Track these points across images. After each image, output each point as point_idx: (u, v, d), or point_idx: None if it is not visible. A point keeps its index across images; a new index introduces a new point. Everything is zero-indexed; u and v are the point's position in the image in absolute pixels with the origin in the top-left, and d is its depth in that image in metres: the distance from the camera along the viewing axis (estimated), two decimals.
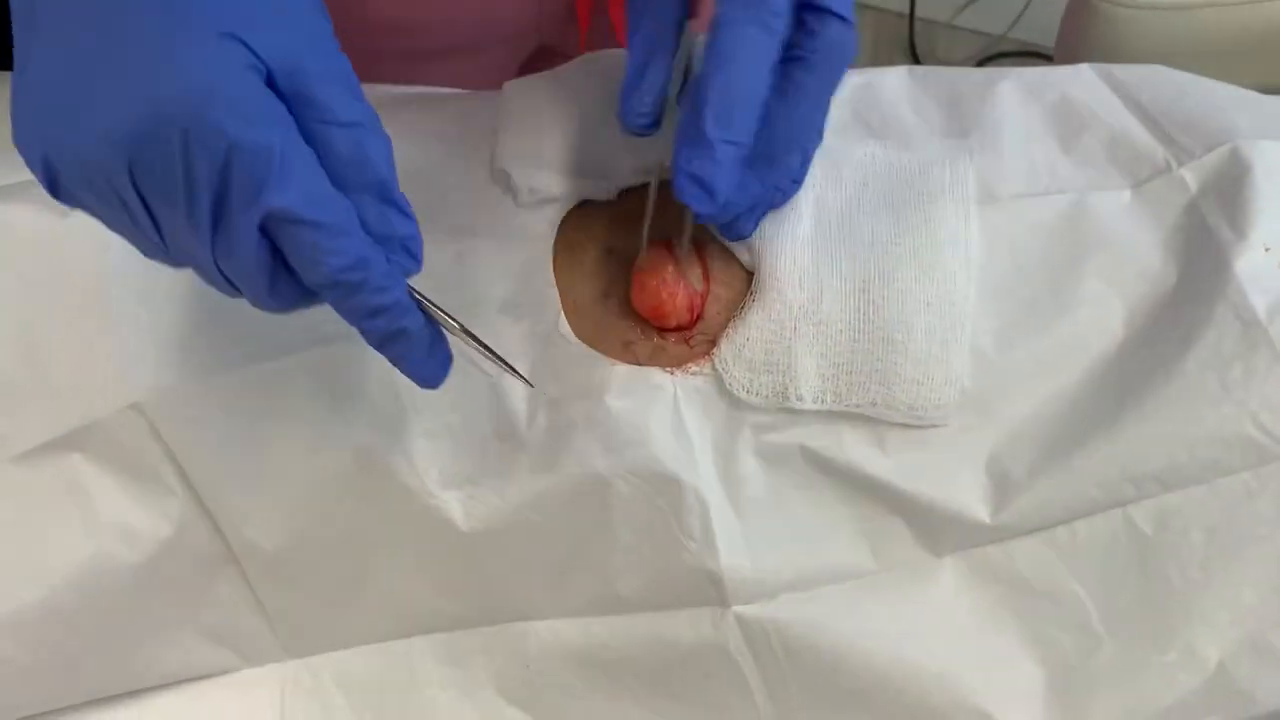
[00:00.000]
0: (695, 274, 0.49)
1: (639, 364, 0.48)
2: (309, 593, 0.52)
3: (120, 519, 0.49)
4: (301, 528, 0.50)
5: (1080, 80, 0.56)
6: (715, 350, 0.48)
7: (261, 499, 0.50)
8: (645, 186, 0.51)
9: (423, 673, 0.53)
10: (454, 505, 0.48)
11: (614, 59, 0.55)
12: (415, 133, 0.52)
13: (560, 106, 0.53)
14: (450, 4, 0.67)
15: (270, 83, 0.34)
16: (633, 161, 0.51)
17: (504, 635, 0.52)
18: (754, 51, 0.42)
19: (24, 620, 0.49)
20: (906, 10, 1.68)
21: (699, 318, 0.49)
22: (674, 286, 0.48)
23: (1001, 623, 0.48)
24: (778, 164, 0.46)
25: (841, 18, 0.43)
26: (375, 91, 0.44)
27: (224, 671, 0.54)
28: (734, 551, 0.48)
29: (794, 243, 0.49)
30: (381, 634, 0.53)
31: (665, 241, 0.49)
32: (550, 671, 0.51)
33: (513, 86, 0.55)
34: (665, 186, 0.51)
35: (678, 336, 0.49)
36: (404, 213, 0.37)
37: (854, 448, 0.48)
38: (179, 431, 0.49)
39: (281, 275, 0.36)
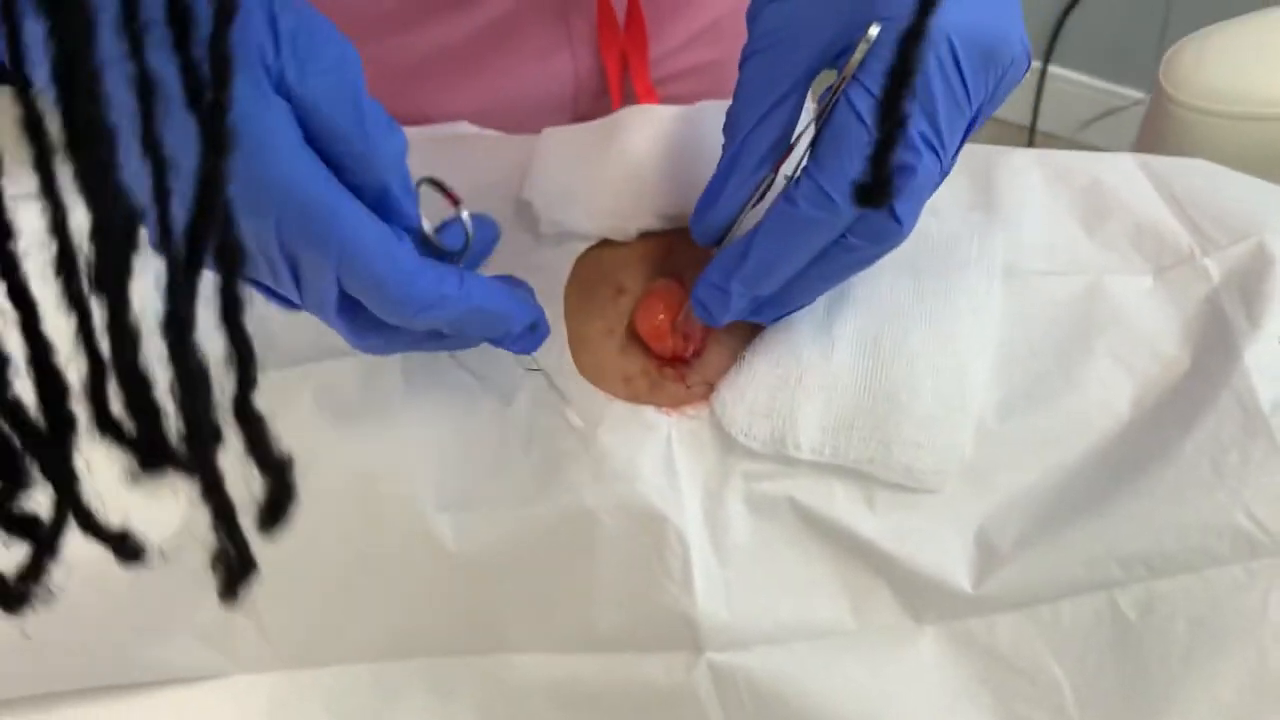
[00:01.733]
0: None
1: (636, 401, 0.49)
2: (302, 605, 0.52)
3: (123, 518, 0.50)
4: (296, 539, 0.51)
5: (1117, 167, 0.56)
6: (715, 392, 0.49)
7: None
8: (664, 233, 0.52)
9: (406, 698, 0.53)
10: (446, 527, 0.49)
11: (651, 114, 0.56)
12: (442, 164, 0.54)
13: (593, 151, 0.55)
14: (486, 94, 0.69)
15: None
16: (656, 208, 0.52)
17: (487, 665, 0.52)
18: (808, 239, 0.43)
19: None
20: (1028, 123, 1.67)
21: (697, 354, 0.50)
22: (675, 309, 0.49)
23: (976, 697, 0.47)
24: (789, 305, 0.47)
25: (897, 219, 0.42)
26: (410, 132, 0.47)
27: (215, 675, 0.54)
28: (712, 597, 0.48)
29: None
30: (369, 655, 0.53)
31: (677, 276, 0.50)
32: (527, 706, 0.51)
33: (550, 132, 0.57)
34: (688, 234, 0.53)
35: (676, 374, 0.50)
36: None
37: (844, 504, 0.48)
38: None
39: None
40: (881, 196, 0.37)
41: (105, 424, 0.28)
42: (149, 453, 0.29)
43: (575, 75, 0.71)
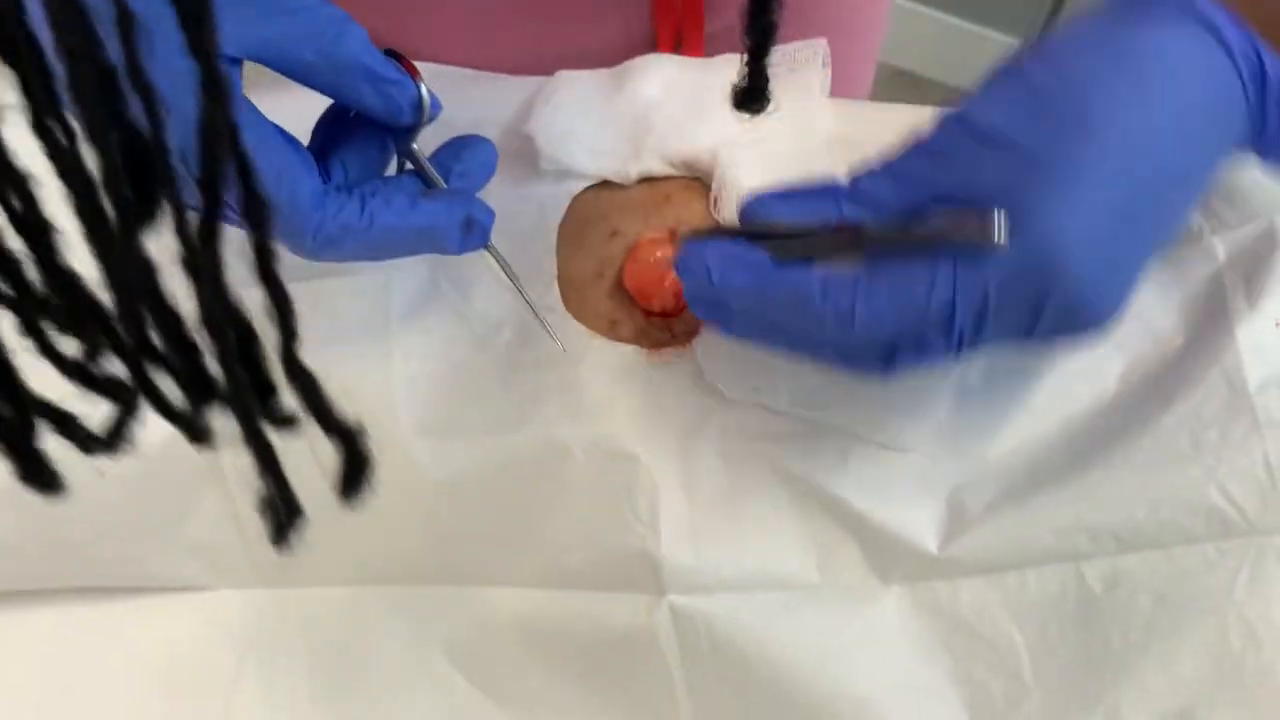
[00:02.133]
0: None
1: (622, 341, 0.49)
2: None
3: None
4: (284, 443, 0.52)
5: None
6: (698, 338, 0.49)
7: None
8: (665, 179, 0.52)
9: (378, 624, 0.54)
10: (424, 453, 0.50)
11: (664, 61, 0.56)
12: (446, 98, 0.54)
13: (601, 94, 0.55)
14: (528, 50, 0.68)
15: None
16: (660, 152, 0.52)
17: (457, 596, 0.52)
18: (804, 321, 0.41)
19: (13, 497, 0.51)
20: None
21: (685, 307, 0.50)
22: (665, 269, 0.49)
23: (935, 659, 0.46)
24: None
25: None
26: (430, 68, 0.47)
27: (197, 587, 0.55)
28: (677, 539, 0.48)
29: None
30: (344, 578, 0.54)
31: (670, 229, 0.50)
32: (491, 638, 0.52)
33: (562, 74, 0.57)
34: (690, 184, 0.53)
35: (662, 323, 0.50)
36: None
37: (818, 457, 0.47)
38: None
39: None
40: None
41: (148, 349, 0.28)
42: (193, 385, 0.29)
43: (627, 40, 0.70)
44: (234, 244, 0.27)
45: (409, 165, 0.45)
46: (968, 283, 0.37)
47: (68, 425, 0.30)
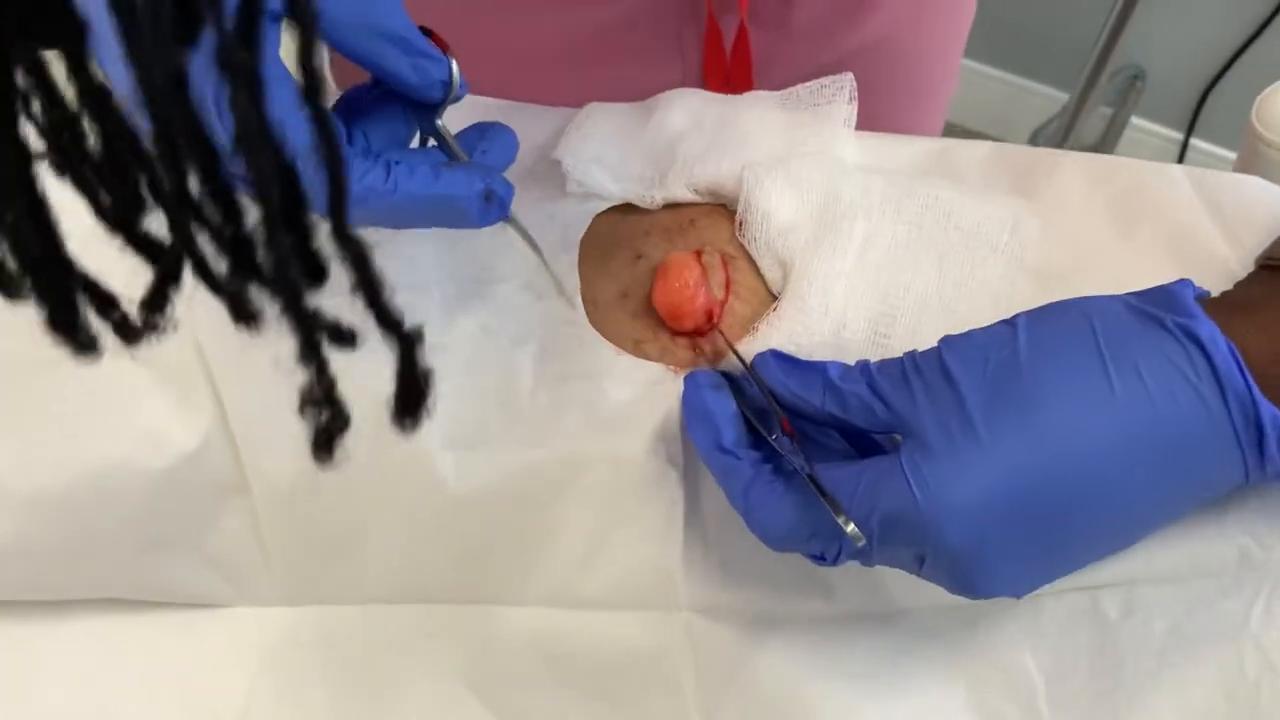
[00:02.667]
0: (717, 281, 0.51)
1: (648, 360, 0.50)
2: (309, 539, 0.53)
3: (150, 424, 0.51)
4: (312, 469, 0.52)
5: (1163, 174, 0.54)
6: (724, 359, 0.49)
7: (280, 432, 0.51)
8: (689, 206, 0.53)
9: (395, 644, 0.53)
10: (449, 466, 0.50)
11: (692, 95, 0.58)
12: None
13: (630, 124, 0.56)
14: (588, 91, 0.66)
15: None
16: (685, 180, 0.53)
17: (475, 616, 0.52)
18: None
19: (38, 503, 0.51)
20: None
21: (713, 326, 0.50)
22: (695, 289, 0.50)
23: (950, 685, 0.46)
24: None
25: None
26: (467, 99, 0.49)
27: (217, 604, 0.54)
28: (697, 557, 0.48)
29: (829, 275, 0.50)
30: (363, 596, 0.54)
31: (696, 250, 0.51)
32: (507, 659, 0.52)
33: (592, 105, 0.58)
34: (714, 209, 0.54)
35: (688, 342, 0.51)
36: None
37: None
38: (219, 353, 0.51)
39: None
40: None
41: (188, 202, 0.26)
42: (234, 251, 0.26)
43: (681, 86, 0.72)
44: None
45: (431, 142, 0.46)
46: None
47: (105, 302, 0.28)
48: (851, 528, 0.39)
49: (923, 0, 0.74)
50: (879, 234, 0.51)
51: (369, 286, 0.28)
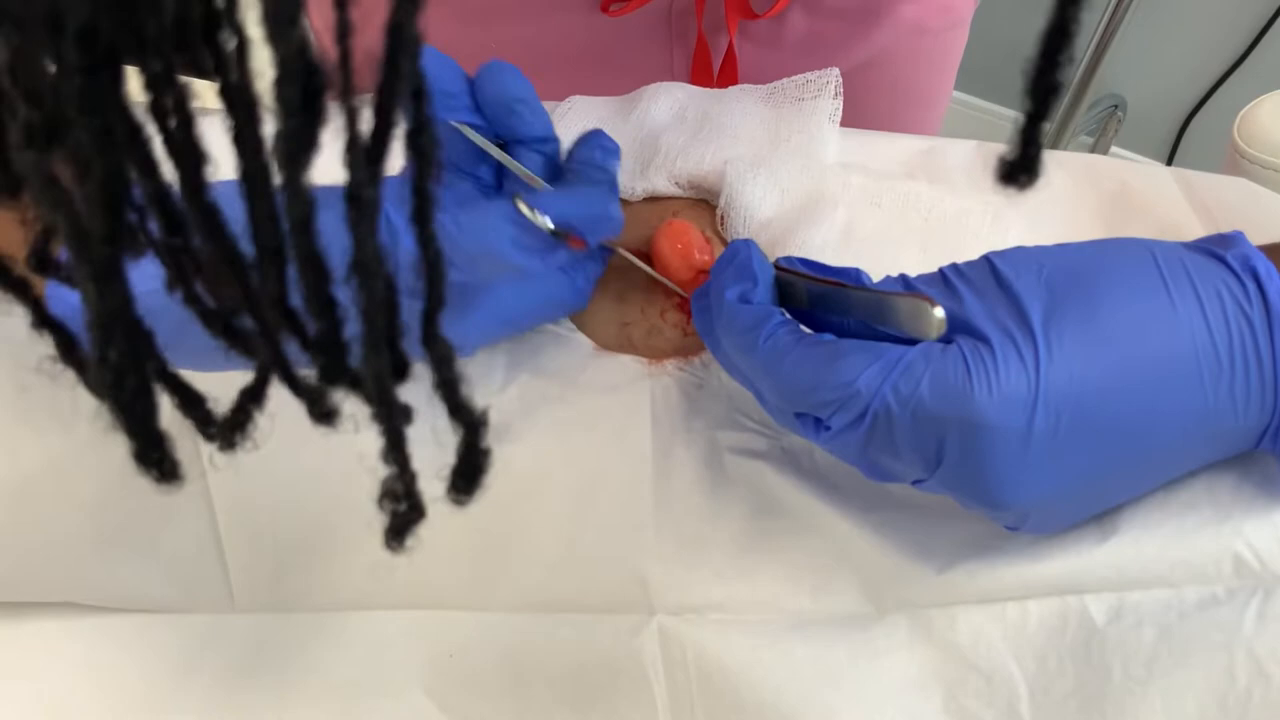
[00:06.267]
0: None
1: (632, 346, 0.49)
2: (267, 544, 0.51)
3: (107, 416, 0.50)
4: (271, 468, 0.50)
5: (1149, 175, 0.54)
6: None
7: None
8: (670, 199, 0.52)
9: (353, 651, 0.51)
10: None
11: (675, 88, 0.56)
12: None
13: (613, 116, 0.55)
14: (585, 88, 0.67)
15: None
16: (667, 172, 0.52)
17: (436, 621, 0.50)
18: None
19: None
20: None
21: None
22: (700, 237, 0.49)
23: (927, 689, 0.44)
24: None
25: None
26: None
27: (173, 610, 0.52)
28: (670, 558, 0.46)
29: (811, 249, 0.49)
30: (322, 603, 0.52)
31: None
32: (469, 665, 0.50)
33: (575, 98, 0.57)
34: (695, 203, 0.53)
35: (678, 318, 0.49)
36: None
37: (816, 479, 0.46)
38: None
39: None
40: None
41: (282, 309, 0.25)
42: (328, 358, 0.26)
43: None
44: None
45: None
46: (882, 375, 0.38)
47: (193, 403, 0.28)
48: (939, 309, 0.37)
49: (914, 25, 0.73)
50: (861, 223, 0.50)
51: (449, 385, 0.27)
